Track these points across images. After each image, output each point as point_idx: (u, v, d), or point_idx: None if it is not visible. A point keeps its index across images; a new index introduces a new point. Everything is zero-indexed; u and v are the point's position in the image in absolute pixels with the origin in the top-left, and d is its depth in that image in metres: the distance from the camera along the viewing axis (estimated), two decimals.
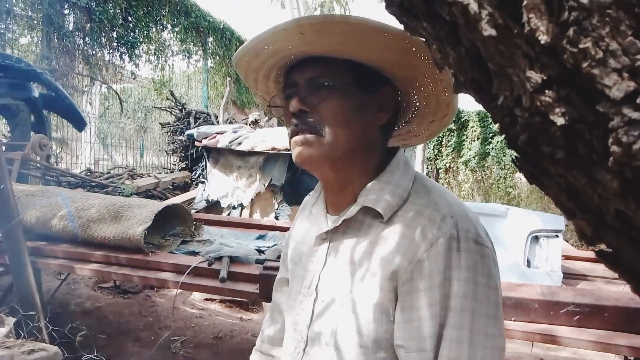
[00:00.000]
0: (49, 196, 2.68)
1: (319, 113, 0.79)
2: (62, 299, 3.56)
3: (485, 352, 0.70)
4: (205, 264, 2.24)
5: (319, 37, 0.74)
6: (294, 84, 0.83)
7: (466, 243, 0.72)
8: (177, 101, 7.70)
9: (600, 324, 1.66)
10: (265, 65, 0.86)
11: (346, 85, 0.79)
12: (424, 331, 0.71)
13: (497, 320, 0.72)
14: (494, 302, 0.72)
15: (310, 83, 0.81)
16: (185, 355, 3.07)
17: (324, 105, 0.79)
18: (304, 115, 0.79)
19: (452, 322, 0.70)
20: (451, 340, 0.70)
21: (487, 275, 0.72)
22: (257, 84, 0.92)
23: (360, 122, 0.81)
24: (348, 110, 0.79)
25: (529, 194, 9.68)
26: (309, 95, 0.80)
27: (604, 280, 2.41)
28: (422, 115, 0.90)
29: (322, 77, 0.80)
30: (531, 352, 3.45)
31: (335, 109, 0.79)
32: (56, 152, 6.90)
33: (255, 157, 5.10)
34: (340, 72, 0.79)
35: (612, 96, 0.31)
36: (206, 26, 10.28)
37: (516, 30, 0.35)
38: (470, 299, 0.70)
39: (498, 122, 0.45)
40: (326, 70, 0.79)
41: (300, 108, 0.79)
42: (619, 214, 0.38)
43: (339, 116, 0.79)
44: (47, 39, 6.82)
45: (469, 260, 0.71)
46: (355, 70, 0.80)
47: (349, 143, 0.80)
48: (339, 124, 0.79)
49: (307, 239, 0.90)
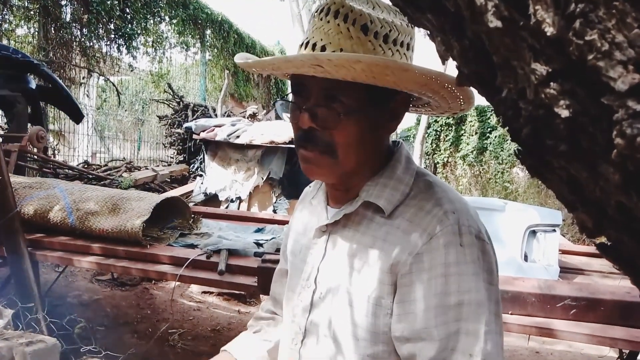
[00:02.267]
0: (46, 188, 2.68)
1: (332, 133, 0.75)
2: (60, 291, 3.56)
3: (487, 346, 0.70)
4: (203, 256, 2.24)
5: (337, 69, 0.68)
6: (303, 85, 0.77)
7: (469, 238, 0.72)
8: (175, 94, 7.67)
9: (596, 318, 1.67)
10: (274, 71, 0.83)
11: (362, 103, 0.74)
12: (423, 322, 0.71)
13: (498, 317, 0.72)
14: (495, 299, 0.73)
15: (324, 94, 0.75)
16: (183, 348, 3.09)
17: (340, 127, 0.74)
18: (315, 133, 0.75)
19: (457, 315, 0.70)
20: (467, 334, 0.70)
21: (489, 271, 0.73)
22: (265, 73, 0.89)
23: (374, 140, 0.79)
24: (363, 132, 0.76)
25: (526, 188, 9.70)
26: (321, 109, 0.74)
27: (601, 274, 2.43)
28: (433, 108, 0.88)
29: (337, 91, 0.74)
30: (527, 345, 3.48)
31: (352, 131, 0.75)
32: (53, 144, 6.87)
33: (254, 150, 5.09)
34: (357, 87, 0.73)
35: (617, 88, 0.32)
36: (204, 18, 10.22)
37: (522, 23, 0.35)
38: (474, 291, 0.70)
39: (501, 115, 0.45)
40: (342, 84, 0.72)
41: (311, 126, 0.75)
42: (621, 206, 0.38)
43: (353, 140, 0.76)
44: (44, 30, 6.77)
45: (472, 255, 0.71)
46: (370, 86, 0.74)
47: (359, 160, 0.79)
48: (352, 147, 0.76)
49: (306, 230, 0.90)
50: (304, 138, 0.77)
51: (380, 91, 0.74)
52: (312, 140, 0.76)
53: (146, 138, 9.78)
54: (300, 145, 0.78)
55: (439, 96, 0.78)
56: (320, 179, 0.81)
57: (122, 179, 5.21)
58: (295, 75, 0.78)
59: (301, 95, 0.78)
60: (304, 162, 0.79)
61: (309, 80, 0.75)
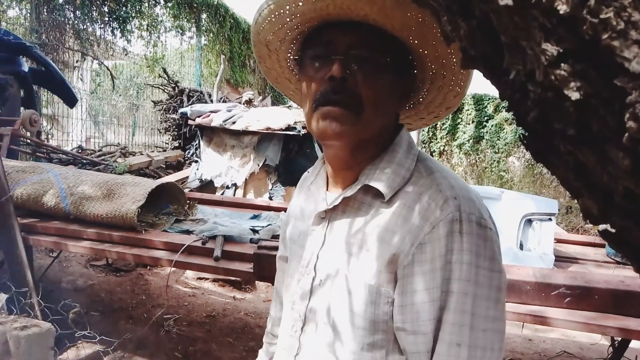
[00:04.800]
0: (40, 172, 2.65)
1: (361, 88, 0.73)
2: (55, 276, 3.55)
3: (486, 335, 0.69)
4: (199, 242, 2.23)
5: (394, 9, 0.68)
6: (331, 42, 0.75)
7: (469, 226, 0.70)
8: (170, 79, 7.58)
9: (589, 306, 1.69)
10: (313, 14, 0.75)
11: (387, 63, 0.75)
12: (424, 314, 0.70)
13: (499, 303, 0.71)
14: (496, 285, 0.71)
15: (356, 51, 0.74)
16: (178, 333, 3.10)
17: (370, 81, 0.73)
18: (344, 84, 0.73)
19: (454, 305, 0.69)
20: (453, 324, 0.69)
21: (490, 258, 0.71)
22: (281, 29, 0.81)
23: (391, 106, 0.79)
24: (387, 92, 0.76)
25: (521, 178, 9.74)
26: (354, 63, 0.73)
27: (595, 263, 2.44)
28: (417, 110, 0.89)
29: (366, 48, 0.73)
30: (521, 333, 3.51)
31: (381, 88, 0.75)
32: (47, 129, 6.80)
33: (250, 136, 5.06)
34: (385, 47, 0.74)
35: (632, 69, 0.30)
36: (200, 2, 10.07)
37: (533, 0, 0.33)
38: (472, 282, 0.69)
39: (507, 99, 0.44)
40: (370, 41, 0.73)
41: (343, 75, 0.72)
42: (628, 193, 0.37)
43: (381, 96, 0.75)
44: (36, 12, 6.65)
45: (471, 244, 0.70)
46: (393, 50, 0.75)
47: (379, 127, 0.77)
48: (378, 105, 0.75)
49: (305, 216, 0.89)
50: (332, 90, 0.73)
51: (400, 60, 0.77)
52: (342, 92, 0.73)
53: (141, 123, 9.70)
54: (326, 101, 0.74)
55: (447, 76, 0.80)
56: (336, 142, 0.77)
57: (116, 164, 5.17)
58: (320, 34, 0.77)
59: (326, 53, 0.76)
60: (328, 117, 0.74)
61: (337, 37, 0.74)
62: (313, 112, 0.76)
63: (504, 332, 0.73)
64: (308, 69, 0.78)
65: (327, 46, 0.76)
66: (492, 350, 0.70)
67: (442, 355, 0.70)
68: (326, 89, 0.74)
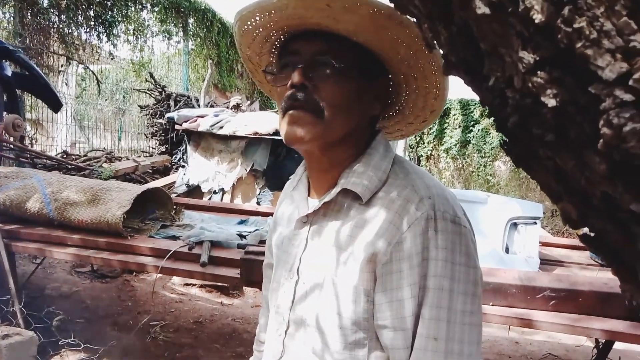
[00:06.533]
0: (23, 178, 2.61)
1: (321, 92, 0.76)
2: (38, 283, 3.49)
3: (463, 328, 0.72)
4: (185, 248, 2.22)
5: (343, 13, 0.71)
6: (296, 52, 0.79)
7: (443, 223, 0.73)
8: (157, 83, 7.53)
9: (575, 308, 1.71)
10: (272, 25, 0.80)
11: (352, 68, 0.77)
12: (404, 311, 0.72)
13: (475, 298, 0.73)
14: (473, 280, 0.73)
15: (317, 58, 0.77)
16: (164, 340, 3.06)
17: (329, 86, 0.76)
18: (305, 90, 0.76)
19: (430, 301, 0.71)
20: (430, 319, 0.71)
21: (466, 254, 0.73)
22: (253, 43, 0.86)
23: (358, 109, 0.80)
24: (351, 95, 0.78)
25: (507, 181, 9.84)
26: (313, 70, 0.77)
27: (579, 266, 2.48)
28: (403, 115, 0.91)
29: (330, 55, 0.76)
30: (507, 335, 3.54)
31: (340, 91, 0.77)
32: (31, 134, 6.70)
33: (237, 141, 5.05)
34: (349, 53, 0.77)
35: (605, 77, 0.31)
36: (187, 6, 10.04)
37: (510, 9, 0.34)
38: (448, 277, 0.71)
39: (488, 105, 0.44)
40: (335, 48, 0.76)
41: (302, 82, 0.76)
42: (606, 196, 0.38)
43: (341, 99, 0.77)
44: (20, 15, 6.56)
45: (446, 241, 0.72)
46: (361, 55, 0.78)
47: (344, 129, 0.79)
48: (340, 107, 0.77)
49: (289, 222, 0.90)
50: (293, 97, 0.77)
51: (365, 67, 0.79)
52: (302, 95, 0.76)
53: (127, 128, 9.60)
54: (289, 106, 0.78)
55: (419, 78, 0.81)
56: (302, 144, 0.79)
57: (102, 169, 5.11)
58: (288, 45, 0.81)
59: (292, 62, 0.79)
60: (289, 123, 0.78)
61: (302, 46, 0.78)
62: (282, 120, 0.80)
63: (481, 325, 0.75)
64: (277, 79, 0.82)
65: (293, 55, 0.79)
66: (470, 343, 0.72)
67: (420, 349, 0.72)
68: (288, 95, 0.78)
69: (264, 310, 1.06)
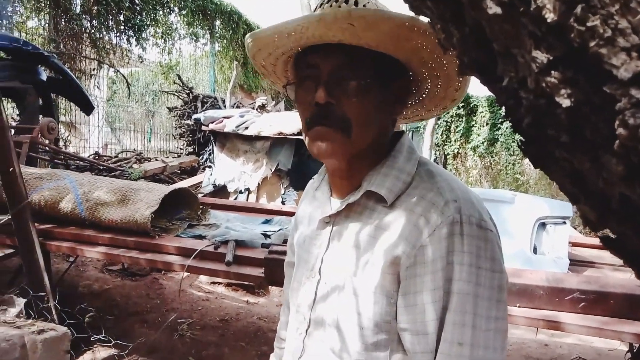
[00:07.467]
0: (56, 179, 2.70)
1: (345, 107, 0.76)
2: (71, 280, 3.61)
3: (487, 334, 0.70)
4: (211, 247, 2.25)
5: (366, 30, 0.70)
6: (316, 66, 0.78)
7: (469, 227, 0.72)
8: (185, 85, 7.68)
9: (605, 311, 1.66)
10: (290, 44, 0.80)
11: (371, 79, 0.76)
12: (427, 315, 0.72)
13: (501, 303, 0.72)
14: (498, 285, 0.72)
15: (335, 72, 0.76)
16: (191, 337, 3.12)
17: (354, 103, 0.76)
18: (330, 108, 0.76)
19: (455, 306, 0.70)
20: (454, 324, 0.70)
21: (491, 259, 0.72)
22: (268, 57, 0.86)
23: (381, 119, 0.80)
24: (373, 108, 0.78)
25: (537, 180, 9.60)
26: (336, 86, 0.76)
27: (611, 267, 2.40)
28: (423, 104, 0.90)
29: (348, 68, 0.76)
30: (535, 338, 3.46)
31: (365, 107, 0.76)
32: (64, 136, 6.94)
33: (262, 141, 5.10)
34: (366, 63, 0.76)
35: (620, 77, 0.30)
36: (213, 9, 10.20)
37: (522, 9, 0.34)
38: (473, 282, 0.70)
39: (502, 105, 0.44)
40: (352, 60, 0.75)
41: (327, 100, 0.75)
42: (624, 198, 0.37)
43: (367, 115, 0.77)
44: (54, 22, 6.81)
45: (471, 245, 0.71)
46: (377, 62, 0.77)
47: (369, 140, 0.79)
48: (365, 123, 0.77)
49: (310, 222, 0.91)
50: (319, 114, 0.77)
51: (384, 72, 0.77)
52: (329, 116, 0.76)
53: (156, 129, 9.83)
54: (316, 122, 0.77)
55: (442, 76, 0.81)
56: (330, 160, 0.80)
57: (131, 170, 5.25)
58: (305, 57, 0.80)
59: (312, 76, 0.79)
60: (318, 139, 0.77)
61: (321, 61, 0.77)
62: (306, 133, 0.80)
63: (507, 331, 0.74)
64: (298, 92, 0.82)
65: (313, 69, 0.79)
66: (495, 349, 0.71)
67: (445, 354, 0.71)
68: (313, 113, 0.77)
69: (284, 309, 1.07)
